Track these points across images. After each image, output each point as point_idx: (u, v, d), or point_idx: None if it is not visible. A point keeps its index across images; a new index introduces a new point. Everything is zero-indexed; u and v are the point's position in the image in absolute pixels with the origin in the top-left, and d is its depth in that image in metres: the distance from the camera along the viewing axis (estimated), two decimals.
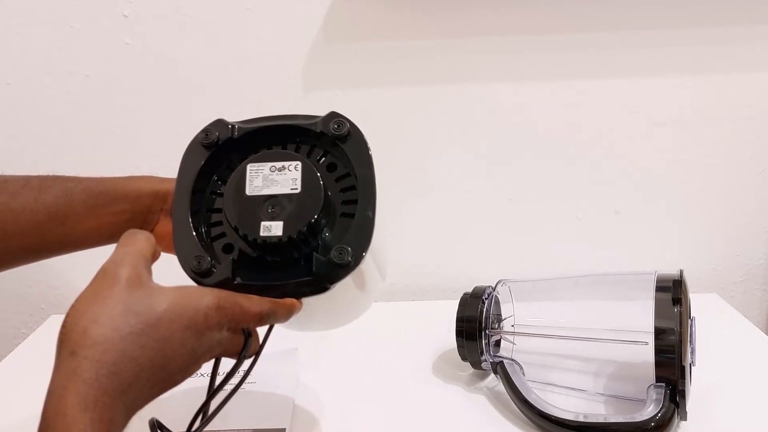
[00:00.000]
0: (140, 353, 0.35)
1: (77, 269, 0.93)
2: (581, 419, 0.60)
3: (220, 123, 0.54)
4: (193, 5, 0.82)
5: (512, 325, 0.69)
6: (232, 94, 0.86)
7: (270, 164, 0.48)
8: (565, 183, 0.91)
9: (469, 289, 0.72)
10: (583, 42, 0.85)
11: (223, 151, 0.52)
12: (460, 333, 0.69)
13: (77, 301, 0.37)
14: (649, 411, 0.58)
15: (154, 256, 0.42)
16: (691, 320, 0.61)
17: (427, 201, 0.92)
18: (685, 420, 0.60)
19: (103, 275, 0.38)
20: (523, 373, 0.67)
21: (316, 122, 0.52)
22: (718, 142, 0.89)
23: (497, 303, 0.71)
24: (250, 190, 0.47)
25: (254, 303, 0.43)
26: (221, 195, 0.50)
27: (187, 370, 0.39)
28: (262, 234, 0.45)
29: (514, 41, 0.85)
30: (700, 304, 0.68)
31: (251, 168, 0.48)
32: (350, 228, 0.48)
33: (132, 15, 0.83)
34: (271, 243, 0.45)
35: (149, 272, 0.39)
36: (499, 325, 0.70)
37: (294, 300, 0.46)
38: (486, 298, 0.70)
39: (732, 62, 0.86)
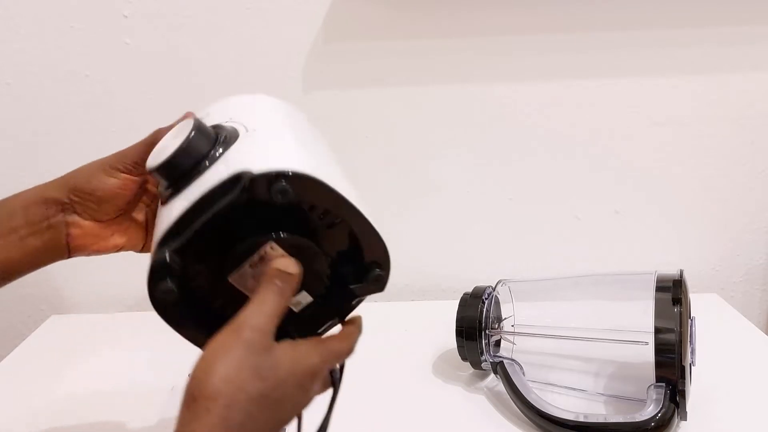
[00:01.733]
0: (260, 414, 0.38)
1: (77, 269, 0.94)
2: (581, 419, 0.60)
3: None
4: (193, 5, 0.82)
5: (512, 325, 0.69)
6: (232, 94, 0.86)
7: (246, 263, 0.41)
8: (565, 183, 0.91)
9: (469, 289, 0.72)
10: (583, 42, 0.85)
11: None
12: (460, 333, 0.69)
13: (209, 353, 0.38)
14: (649, 411, 0.58)
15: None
16: (691, 320, 0.61)
17: (427, 201, 0.92)
18: (685, 420, 0.60)
19: (236, 333, 0.38)
20: (523, 373, 0.67)
21: (239, 195, 0.38)
22: (718, 142, 0.89)
23: (497, 303, 0.71)
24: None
25: (343, 342, 0.45)
26: None
27: (289, 421, 0.42)
28: (297, 310, 0.44)
29: (514, 41, 0.85)
30: (700, 304, 0.68)
31: (234, 280, 0.41)
32: (359, 241, 0.46)
33: (132, 15, 0.83)
34: (310, 308, 0.44)
35: (276, 326, 0.40)
36: (499, 325, 0.70)
37: (357, 315, 0.47)
38: (486, 298, 0.70)
39: (732, 62, 0.86)
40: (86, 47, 0.84)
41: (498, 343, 0.70)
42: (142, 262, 1.01)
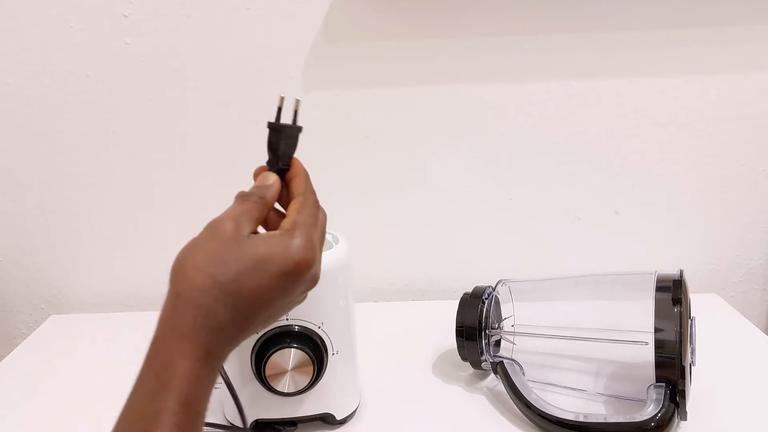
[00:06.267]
0: (234, 299, 0.40)
1: (77, 269, 0.94)
2: (581, 419, 0.60)
3: None
4: (193, 5, 0.82)
5: (512, 325, 0.69)
6: (232, 94, 0.86)
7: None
8: (565, 183, 0.91)
9: (469, 289, 0.72)
10: (583, 42, 0.85)
11: None
12: (460, 333, 0.69)
13: (186, 247, 0.42)
14: (649, 411, 0.58)
15: (267, 209, 0.45)
16: (691, 320, 0.61)
17: (427, 201, 0.92)
18: (685, 420, 0.60)
19: (209, 230, 0.42)
20: (523, 373, 0.67)
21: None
22: (718, 142, 0.89)
23: (497, 303, 0.71)
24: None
25: (304, 204, 0.46)
26: None
27: (273, 317, 0.45)
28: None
29: (514, 41, 0.85)
30: (700, 304, 0.68)
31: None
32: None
33: (132, 15, 0.83)
34: None
35: (252, 227, 0.43)
36: (499, 325, 0.70)
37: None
38: (486, 298, 0.70)
39: (732, 62, 0.86)
40: (86, 47, 0.84)
41: (498, 343, 0.70)
42: (143, 262, 1.01)
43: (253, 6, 0.83)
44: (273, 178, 0.46)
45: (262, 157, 0.48)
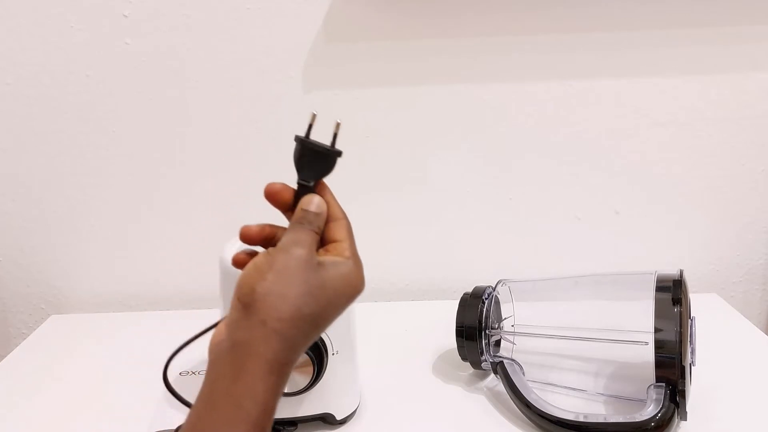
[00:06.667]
0: (311, 330, 0.42)
1: (77, 269, 0.94)
2: (581, 419, 0.60)
3: None
4: (193, 5, 0.82)
5: (512, 325, 0.69)
6: (232, 94, 0.86)
7: None
8: (565, 183, 0.91)
9: (469, 289, 0.72)
10: (583, 42, 0.85)
11: None
12: (460, 333, 0.69)
13: (258, 271, 0.41)
14: (649, 411, 0.58)
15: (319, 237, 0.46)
16: (691, 320, 0.61)
17: (427, 201, 0.92)
18: (685, 420, 0.60)
19: (284, 256, 0.42)
20: (523, 373, 0.67)
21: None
22: (718, 142, 0.89)
23: (497, 303, 0.71)
24: None
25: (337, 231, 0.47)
26: None
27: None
28: None
29: (514, 41, 0.85)
30: (700, 304, 0.69)
31: None
32: None
33: (132, 15, 0.83)
34: None
35: (316, 254, 0.44)
36: (499, 325, 0.70)
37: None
38: (486, 298, 0.70)
39: (732, 62, 0.86)
40: (86, 47, 0.84)
41: (498, 343, 0.70)
42: (143, 262, 1.01)
43: (253, 6, 0.83)
44: (324, 207, 0.46)
45: (263, 157, 0.48)
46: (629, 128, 0.89)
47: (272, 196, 0.46)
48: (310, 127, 0.46)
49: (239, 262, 0.45)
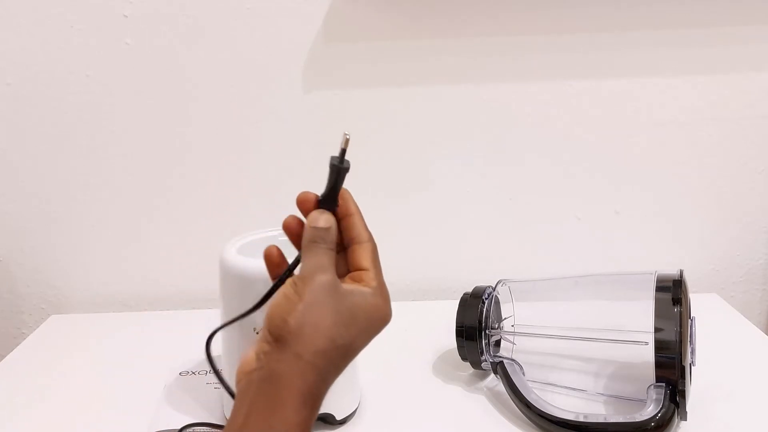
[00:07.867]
0: (341, 361, 0.42)
1: (77, 269, 0.94)
2: (581, 419, 0.60)
3: None
4: (194, 5, 0.82)
5: (512, 325, 0.69)
6: (232, 94, 0.86)
7: None
8: (565, 183, 0.91)
9: (469, 289, 0.72)
10: (583, 42, 0.85)
11: None
12: (460, 333, 0.69)
13: (286, 301, 0.41)
14: (649, 411, 0.58)
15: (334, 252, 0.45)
16: (691, 320, 0.61)
17: (427, 201, 0.92)
18: (685, 420, 0.60)
19: (311, 282, 0.42)
20: (523, 373, 0.67)
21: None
22: (718, 142, 0.89)
23: (497, 303, 0.71)
24: None
25: (365, 256, 0.47)
26: None
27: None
28: None
29: (515, 41, 0.85)
30: (700, 304, 0.68)
31: None
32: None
33: (132, 15, 0.83)
34: None
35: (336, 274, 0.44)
36: (499, 325, 0.70)
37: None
38: (486, 298, 0.70)
39: (732, 62, 0.86)
40: (86, 47, 0.84)
41: (498, 343, 0.70)
42: (143, 262, 1.01)
43: (253, 6, 0.83)
44: (332, 221, 0.45)
45: (262, 157, 0.48)
46: (629, 128, 0.89)
47: (303, 204, 0.45)
48: (343, 152, 0.46)
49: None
